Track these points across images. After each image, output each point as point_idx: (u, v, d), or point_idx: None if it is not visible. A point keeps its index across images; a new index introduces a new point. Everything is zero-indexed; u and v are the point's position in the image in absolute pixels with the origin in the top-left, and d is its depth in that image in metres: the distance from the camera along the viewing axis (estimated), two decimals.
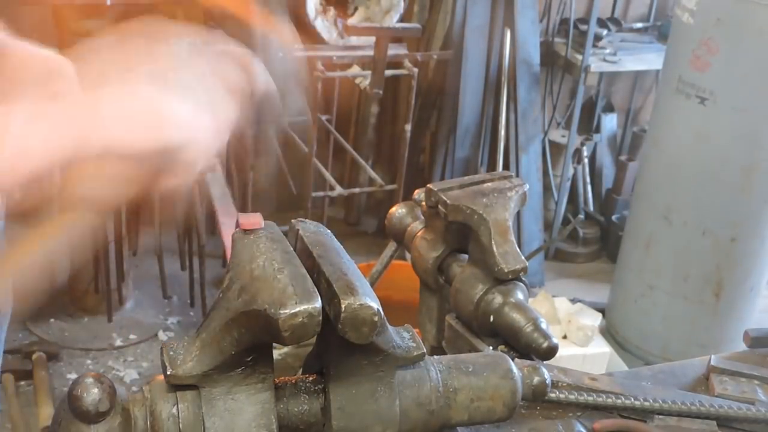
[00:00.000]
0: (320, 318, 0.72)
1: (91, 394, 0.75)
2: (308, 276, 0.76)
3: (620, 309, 3.76)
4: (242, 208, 3.52)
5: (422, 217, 1.21)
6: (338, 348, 0.81)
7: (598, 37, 4.25)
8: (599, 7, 4.06)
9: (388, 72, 3.54)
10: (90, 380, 0.76)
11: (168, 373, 0.77)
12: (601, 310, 3.76)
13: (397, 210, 1.24)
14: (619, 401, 1.03)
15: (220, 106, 0.79)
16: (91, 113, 0.72)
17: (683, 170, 3.34)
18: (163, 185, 0.79)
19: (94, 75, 0.68)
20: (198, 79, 0.78)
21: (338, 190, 3.74)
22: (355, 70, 3.77)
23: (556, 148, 4.54)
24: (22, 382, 3.20)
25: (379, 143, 4.50)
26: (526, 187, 1.16)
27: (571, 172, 4.53)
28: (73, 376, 3.23)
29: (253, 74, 0.82)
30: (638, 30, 4.63)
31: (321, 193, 3.79)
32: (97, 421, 0.76)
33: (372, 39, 3.47)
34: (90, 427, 0.76)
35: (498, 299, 1.08)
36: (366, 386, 0.83)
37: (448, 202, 1.10)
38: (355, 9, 3.80)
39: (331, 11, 3.65)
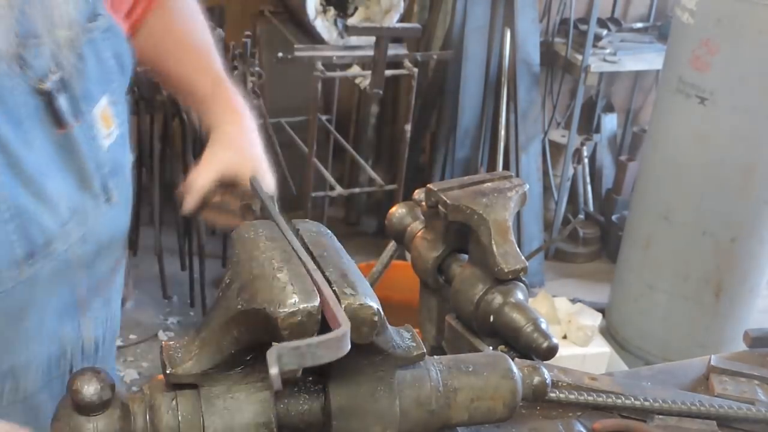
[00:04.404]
0: (319, 317, 0.72)
1: (90, 386, 0.75)
2: (308, 275, 0.76)
3: (620, 309, 3.76)
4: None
5: (422, 217, 1.21)
6: None
7: (598, 37, 4.25)
8: (599, 7, 4.06)
9: (388, 72, 3.54)
10: (88, 373, 0.76)
11: (167, 372, 0.77)
12: (601, 310, 3.75)
13: (397, 210, 1.24)
14: (619, 401, 1.03)
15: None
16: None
17: (683, 170, 3.34)
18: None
19: None
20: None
21: (338, 190, 3.74)
22: (355, 70, 3.77)
23: (556, 148, 4.54)
24: None
25: (379, 143, 4.50)
26: (526, 187, 1.16)
27: (571, 172, 4.53)
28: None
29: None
30: (638, 30, 4.63)
31: (321, 193, 3.79)
32: (96, 413, 0.76)
33: (372, 39, 3.47)
34: (89, 419, 0.76)
35: (498, 299, 1.08)
36: (366, 386, 0.83)
37: (448, 202, 1.10)
38: (355, 9, 3.80)
39: (331, 11, 3.65)
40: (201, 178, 1.24)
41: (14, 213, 0.94)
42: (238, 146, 1.27)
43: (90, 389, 0.75)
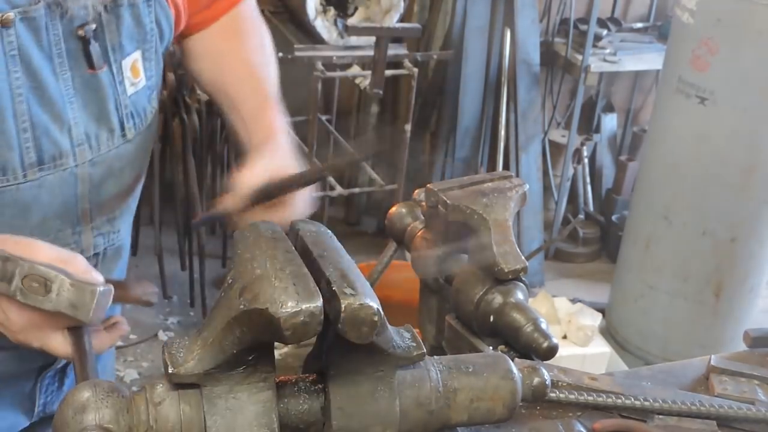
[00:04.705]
0: (322, 317, 0.72)
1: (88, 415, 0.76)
2: (310, 275, 0.76)
3: (620, 309, 3.76)
4: None
5: (422, 217, 1.21)
6: (338, 348, 0.81)
7: (598, 37, 4.25)
8: (599, 7, 4.06)
9: (388, 72, 3.54)
10: (86, 394, 0.77)
11: (170, 371, 0.78)
12: (601, 310, 3.75)
13: (397, 210, 1.24)
14: (619, 401, 1.03)
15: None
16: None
17: (683, 170, 3.34)
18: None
19: None
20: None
21: (338, 190, 3.74)
22: (355, 70, 3.77)
23: (556, 148, 4.54)
24: None
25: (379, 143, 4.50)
26: (526, 187, 1.16)
27: (571, 172, 4.53)
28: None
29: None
30: (638, 30, 4.63)
31: (321, 193, 3.79)
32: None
33: (372, 39, 3.46)
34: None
35: (498, 299, 1.08)
36: (366, 386, 0.83)
37: (448, 202, 1.10)
38: (355, 9, 3.80)
39: (331, 11, 3.65)
40: (250, 179, 1.25)
41: (31, 126, 1.14)
42: (277, 164, 1.31)
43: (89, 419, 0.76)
